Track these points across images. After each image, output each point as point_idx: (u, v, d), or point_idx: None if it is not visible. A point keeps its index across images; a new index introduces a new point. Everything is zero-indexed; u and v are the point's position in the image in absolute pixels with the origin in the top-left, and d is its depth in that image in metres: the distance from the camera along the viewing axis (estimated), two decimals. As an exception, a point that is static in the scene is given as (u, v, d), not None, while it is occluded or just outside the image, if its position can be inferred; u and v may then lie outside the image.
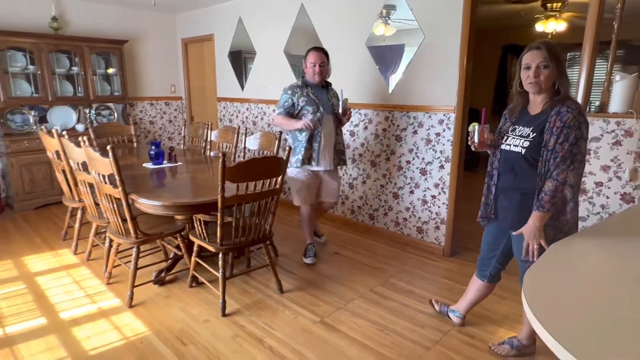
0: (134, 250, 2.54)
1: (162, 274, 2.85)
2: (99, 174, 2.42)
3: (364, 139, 3.78)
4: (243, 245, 2.53)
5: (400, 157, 3.54)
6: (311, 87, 2.98)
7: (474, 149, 1.95)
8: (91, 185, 2.67)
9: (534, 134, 1.73)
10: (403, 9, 3.29)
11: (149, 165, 3.21)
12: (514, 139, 1.82)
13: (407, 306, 2.59)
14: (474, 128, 1.90)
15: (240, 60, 5.00)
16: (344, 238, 3.66)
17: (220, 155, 2.16)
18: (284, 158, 2.42)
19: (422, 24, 3.20)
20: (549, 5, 4.63)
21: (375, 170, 3.75)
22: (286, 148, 2.52)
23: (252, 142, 3.45)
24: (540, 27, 5.01)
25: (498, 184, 1.92)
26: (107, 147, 2.23)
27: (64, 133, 2.97)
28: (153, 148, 3.23)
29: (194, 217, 2.53)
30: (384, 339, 2.25)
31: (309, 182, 3.05)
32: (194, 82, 5.93)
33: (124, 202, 2.34)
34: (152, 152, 3.22)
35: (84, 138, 2.76)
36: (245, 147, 3.56)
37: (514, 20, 6.01)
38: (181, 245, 2.78)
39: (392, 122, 3.55)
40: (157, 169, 3.15)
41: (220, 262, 2.45)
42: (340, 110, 2.94)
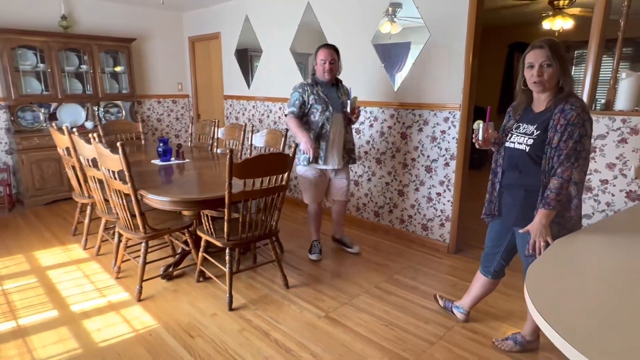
0: (143, 245, 2.59)
1: (170, 269, 2.90)
2: (108, 170, 2.47)
3: (370, 136, 3.80)
4: (249, 241, 2.56)
5: (406, 154, 3.56)
6: (321, 85, 2.95)
7: (478, 147, 1.97)
8: (101, 181, 2.71)
9: (538, 132, 1.74)
10: (409, 7, 3.31)
11: (157, 162, 3.26)
12: (518, 136, 1.83)
13: (412, 302, 2.62)
14: (478, 126, 1.91)
15: (247, 58, 5.04)
16: (349, 235, 3.68)
17: (227, 152, 2.20)
18: (290, 155, 2.45)
19: (428, 21, 3.21)
20: (555, 2, 4.61)
21: (381, 168, 3.77)
22: (292, 145, 2.55)
23: (258, 140, 3.49)
24: (547, 24, 4.99)
25: (502, 181, 1.93)
26: (117, 144, 2.28)
27: (74, 130, 3.03)
28: (161, 145, 3.28)
29: (201, 213, 2.57)
30: (388, 334, 2.28)
31: (317, 180, 3.05)
32: (201, 80, 5.98)
33: (133, 197, 2.39)
34: (160, 149, 3.27)
35: (93, 135, 2.82)
36: (251, 144, 3.60)
37: (520, 18, 5.99)
38: (189, 241, 2.82)
39: (398, 120, 3.56)
40: (165, 165, 3.20)
41: (227, 257, 2.49)
42: (348, 109, 2.92)
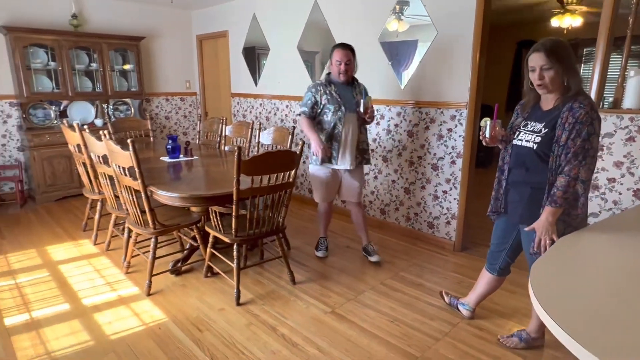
0: (152, 240, 2.63)
1: (179, 264, 2.95)
2: (119, 166, 2.51)
3: (376, 134, 3.82)
4: (257, 237, 2.60)
5: (412, 152, 3.56)
6: (335, 84, 2.90)
7: (485, 144, 1.98)
8: (111, 178, 2.76)
9: (546, 130, 1.75)
10: (416, 4, 3.31)
11: (166, 159, 3.30)
12: (526, 134, 1.84)
13: (417, 299, 2.64)
14: (485, 123, 1.93)
15: (254, 56, 5.07)
16: (353, 232, 3.70)
17: (234, 149, 2.23)
18: (297, 152, 2.48)
19: (435, 19, 3.21)
20: (565, 0, 4.58)
21: (387, 166, 3.79)
22: (299, 143, 2.57)
23: (265, 137, 3.52)
24: (555, 22, 4.96)
25: (509, 178, 1.94)
26: (128, 141, 2.32)
27: (85, 127, 3.08)
28: (170, 142, 3.32)
29: (209, 209, 2.60)
30: (393, 330, 2.30)
31: (328, 180, 3.02)
32: (209, 78, 6.02)
33: (143, 193, 2.43)
34: (169, 146, 3.32)
35: (104, 132, 2.87)
36: (259, 142, 3.63)
37: (529, 16, 5.95)
38: (197, 237, 2.86)
39: (404, 118, 3.57)
40: (174, 162, 3.24)
41: (235, 253, 2.53)
42: (361, 109, 2.83)
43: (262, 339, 2.21)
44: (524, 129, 1.86)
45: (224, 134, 3.94)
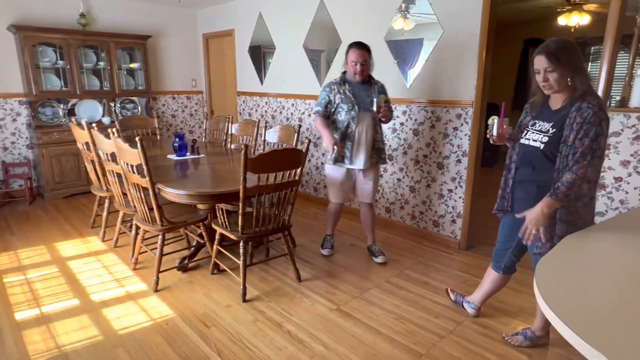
0: (160, 237, 2.66)
1: (186, 261, 2.98)
2: (127, 164, 2.54)
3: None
4: (263, 234, 2.62)
5: (417, 151, 3.57)
6: (350, 83, 2.88)
7: (492, 142, 1.98)
8: (119, 175, 2.80)
9: (554, 130, 1.75)
10: (422, 3, 3.31)
11: (173, 157, 3.33)
12: (534, 133, 1.84)
13: (422, 297, 2.65)
14: (493, 121, 1.93)
15: (260, 54, 5.09)
16: (360, 231, 3.71)
17: (241, 147, 2.25)
18: (303, 151, 2.49)
19: (442, 17, 3.21)
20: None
21: (392, 164, 3.79)
22: (304, 141, 2.59)
23: (271, 135, 3.54)
24: (563, 20, 4.93)
25: (516, 176, 1.94)
26: (136, 139, 2.35)
27: (93, 125, 3.12)
28: (177, 140, 3.35)
29: (216, 207, 2.63)
30: (399, 327, 2.31)
31: (341, 180, 2.99)
32: (215, 77, 6.05)
33: (151, 191, 2.46)
34: (176, 144, 3.35)
35: (112, 130, 2.90)
36: (264, 140, 3.65)
37: (536, 14, 5.91)
38: (204, 234, 2.89)
39: (410, 116, 3.57)
40: (181, 160, 3.27)
41: (241, 250, 2.55)
42: (374, 108, 2.77)
43: (269, 335, 2.23)
44: (532, 128, 1.86)
45: (230, 132, 3.97)
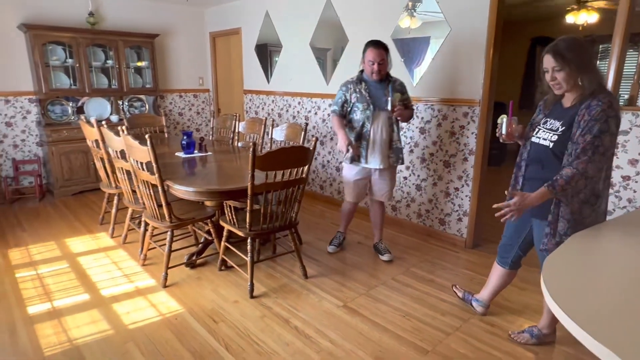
0: (169, 233, 2.69)
1: (194, 258, 3.01)
2: (136, 161, 2.57)
3: (388, 131, 3.83)
4: (270, 231, 2.64)
5: (424, 149, 3.57)
6: (367, 82, 2.85)
7: (502, 141, 1.99)
8: (128, 172, 2.83)
9: (563, 128, 1.75)
10: (429, 1, 3.31)
11: (181, 154, 3.36)
12: (544, 132, 1.84)
13: (429, 294, 2.66)
14: (502, 120, 1.94)
15: (267, 53, 5.11)
16: (367, 229, 3.73)
17: (248, 145, 2.27)
18: (310, 149, 2.51)
19: (448, 16, 3.21)
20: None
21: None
22: (311, 139, 2.60)
23: (278, 133, 3.56)
24: (571, 18, 4.89)
25: (525, 174, 1.95)
26: (146, 136, 2.38)
27: (103, 123, 3.16)
28: (185, 138, 3.38)
29: (224, 204, 2.66)
30: (405, 324, 2.33)
31: (357, 179, 2.99)
32: (221, 75, 6.09)
33: (160, 188, 2.49)
34: (184, 142, 3.38)
35: (122, 127, 2.94)
36: (271, 138, 3.67)
37: (543, 12, 5.88)
38: (212, 231, 2.92)
39: (416, 115, 3.58)
40: (189, 158, 3.30)
41: (249, 247, 2.58)
42: (389, 107, 2.75)
43: (276, 331, 2.26)
44: (543, 127, 1.86)
45: (237, 130, 3.99)
